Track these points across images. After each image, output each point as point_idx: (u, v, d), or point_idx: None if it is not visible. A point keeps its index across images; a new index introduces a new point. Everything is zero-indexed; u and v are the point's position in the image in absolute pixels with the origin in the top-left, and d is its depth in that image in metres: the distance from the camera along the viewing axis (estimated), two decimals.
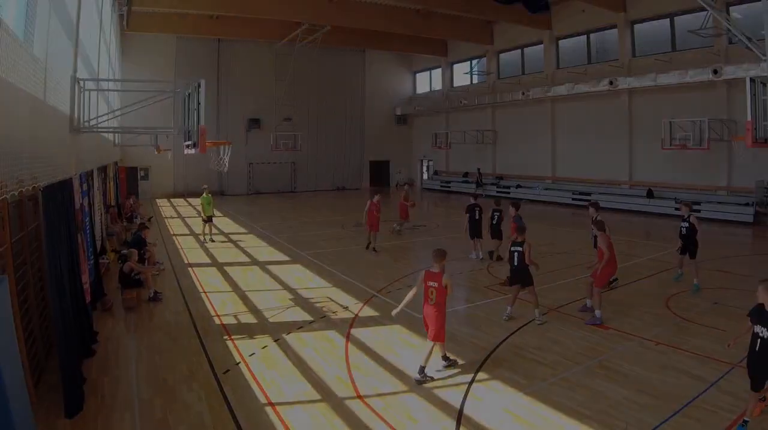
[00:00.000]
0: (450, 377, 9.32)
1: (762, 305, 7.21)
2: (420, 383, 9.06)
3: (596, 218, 14.36)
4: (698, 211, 28.59)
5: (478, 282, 16.11)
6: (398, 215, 25.25)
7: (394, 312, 9.71)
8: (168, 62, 42.40)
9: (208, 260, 19.83)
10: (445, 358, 9.74)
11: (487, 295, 14.70)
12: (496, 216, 18.80)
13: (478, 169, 47.02)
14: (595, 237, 13.65)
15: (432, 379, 9.23)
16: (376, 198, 21.29)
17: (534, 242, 18.65)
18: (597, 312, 12.05)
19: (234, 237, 24.77)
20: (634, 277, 16.22)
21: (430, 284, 9.33)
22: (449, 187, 49.27)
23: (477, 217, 19.25)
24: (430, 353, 9.26)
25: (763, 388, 7.16)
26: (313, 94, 50.02)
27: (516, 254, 12.21)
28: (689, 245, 15.04)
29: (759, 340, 7.10)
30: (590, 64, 37.41)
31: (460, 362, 9.86)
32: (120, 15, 30.67)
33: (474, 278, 16.62)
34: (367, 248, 21.07)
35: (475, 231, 19.25)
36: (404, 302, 9.54)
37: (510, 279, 12.80)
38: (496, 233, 18.92)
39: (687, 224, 15.12)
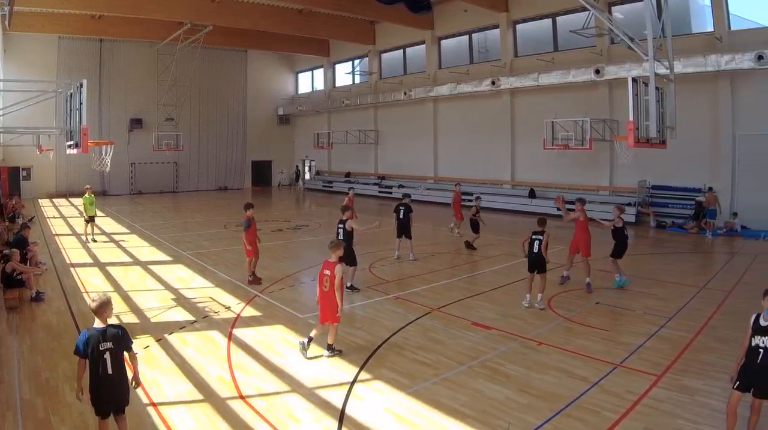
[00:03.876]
0: (332, 376, 9.38)
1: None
2: (332, 356, 10.08)
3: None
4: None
5: (361, 282, 16.03)
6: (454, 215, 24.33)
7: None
8: (50, 62, 41.12)
9: (90, 260, 19.34)
10: (329, 348, 10.19)
11: (369, 295, 14.77)
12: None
13: (296, 166, 52.89)
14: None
15: (340, 352, 10.16)
16: (351, 194, 22.09)
17: (417, 242, 19.13)
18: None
19: (116, 237, 24.19)
20: (516, 277, 16.30)
21: (326, 272, 9.95)
22: (331, 187, 49.29)
23: (401, 216, 18.86)
24: (332, 332, 10.16)
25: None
26: (195, 94, 49.15)
27: (537, 241, 13.06)
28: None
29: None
30: (472, 64, 37.81)
31: (343, 361, 9.98)
32: (2, 15, 29.42)
33: (356, 278, 16.51)
34: None
35: (400, 230, 19.00)
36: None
37: (528, 266, 13.36)
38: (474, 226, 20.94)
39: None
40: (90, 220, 22.99)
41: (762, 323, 6.85)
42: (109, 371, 6.59)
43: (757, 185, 24.64)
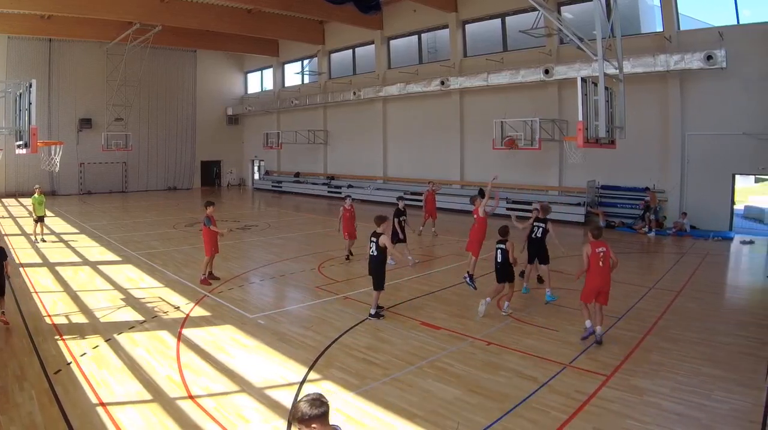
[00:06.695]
0: (282, 376, 9.26)
1: None
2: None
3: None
4: (530, 211, 29.22)
5: (310, 282, 16.03)
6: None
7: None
8: None
9: (39, 260, 18.88)
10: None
11: (318, 295, 14.59)
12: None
13: (214, 167, 54.14)
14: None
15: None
16: (348, 202, 19.14)
17: (364, 243, 19.03)
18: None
19: (65, 237, 23.66)
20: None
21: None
22: (281, 187, 48.78)
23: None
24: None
25: None
26: (144, 94, 48.22)
27: (499, 250, 12.20)
28: (541, 249, 13.92)
29: None
30: (422, 64, 37.21)
31: (292, 361, 9.87)
32: None
33: (305, 278, 16.60)
34: (348, 258, 18.67)
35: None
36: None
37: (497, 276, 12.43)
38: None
39: (543, 226, 14.04)
40: (39, 220, 22.48)
41: None
42: None
43: (706, 185, 24.62)
